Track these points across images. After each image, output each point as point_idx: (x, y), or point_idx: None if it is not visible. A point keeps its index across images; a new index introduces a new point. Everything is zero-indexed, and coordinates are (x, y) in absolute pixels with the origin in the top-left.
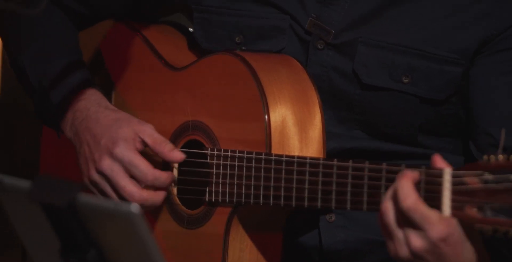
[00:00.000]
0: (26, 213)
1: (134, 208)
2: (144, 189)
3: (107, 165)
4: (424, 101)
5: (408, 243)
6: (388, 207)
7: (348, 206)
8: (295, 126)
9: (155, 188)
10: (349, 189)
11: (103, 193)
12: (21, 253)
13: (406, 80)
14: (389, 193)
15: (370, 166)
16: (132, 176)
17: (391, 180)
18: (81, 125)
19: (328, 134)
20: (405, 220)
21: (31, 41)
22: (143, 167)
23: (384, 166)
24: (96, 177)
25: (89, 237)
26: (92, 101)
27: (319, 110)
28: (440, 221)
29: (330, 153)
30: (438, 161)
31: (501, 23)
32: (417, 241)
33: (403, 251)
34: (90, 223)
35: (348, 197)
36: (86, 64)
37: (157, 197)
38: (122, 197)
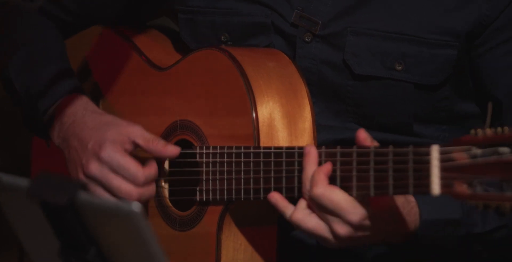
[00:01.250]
0: (24, 211)
1: (135, 206)
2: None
3: (95, 168)
4: (418, 87)
5: (333, 232)
6: (300, 212)
7: None
8: (284, 119)
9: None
10: (338, 174)
11: None
12: (18, 253)
13: (399, 68)
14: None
15: (358, 150)
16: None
17: (380, 163)
18: (68, 131)
19: (320, 127)
20: (319, 207)
21: (16, 49)
22: (133, 168)
23: (372, 149)
24: (85, 181)
25: (89, 236)
26: (78, 106)
27: (308, 103)
28: (354, 207)
29: (322, 144)
30: (362, 137)
31: (494, 5)
32: (341, 228)
33: (331, 240)
34: (90, 221)
35: (338, 183)
36: (73, 71)
37: (152, 188)
38: (117, 198)
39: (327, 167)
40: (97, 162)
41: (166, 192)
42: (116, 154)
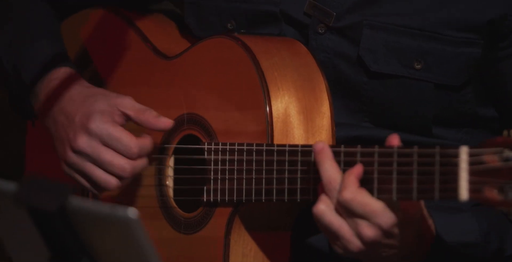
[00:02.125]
0: (11, 219)
1: (132, 212)
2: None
3: (84, 142)
4: (439, 87)
5: (359, 234)
6: (325, 203)
7: None
8: (300, 115)
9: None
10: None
11: (84, 175)
12: None
13: (418, 66)
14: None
15: (380, 150)
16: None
17: (404, 164)
18: (54, 106)
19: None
20: (348, 212)
21: (4, 24)
22: (125, 138)
23: (395, 149)
24: (73, 157)
25: (81, 244)
26: (65, 79)
27: (327, 97)
28: (385, 211)
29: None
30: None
31: None
32: (368, 230)
33: (354, 244)
34: (83, 229)
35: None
36: (63, 47)
37: (145, 161)
38: (109, 173)
39: (359, 169)
40: (86, 135)
41: (170, 192)
42: (106, 124)
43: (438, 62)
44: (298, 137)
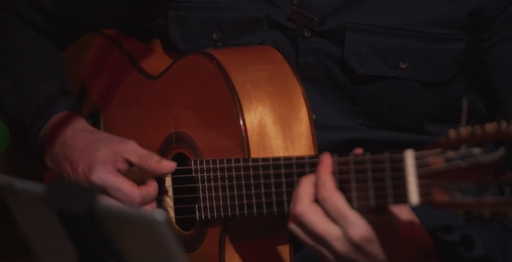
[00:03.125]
0: (39, 220)
1: (159, 214)
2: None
3: None
4: (427, 85)
5: (330, 248)
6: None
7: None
8: (276, 124)
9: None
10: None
11: None
12: None
13: (403, 65)
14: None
15: (339, 159)
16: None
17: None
18: (59, 154)
19: (328, 127)
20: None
21: (4, 66)
22: (127, 188)
23: (351, 156)
24: None
25: (108, 246)
26: (67, 125)
27: (303, 103)
28: (359, 221)
29: (329, 144)
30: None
31: None
32: (340, 244)
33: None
34: (110, 231)
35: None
36: (66, 86)
37: (152, 208)
38: None
39: (328, 162)
40: None
41: (171, 212)
42: (107, 175)
43: (423, 60)
44: (276, 147)
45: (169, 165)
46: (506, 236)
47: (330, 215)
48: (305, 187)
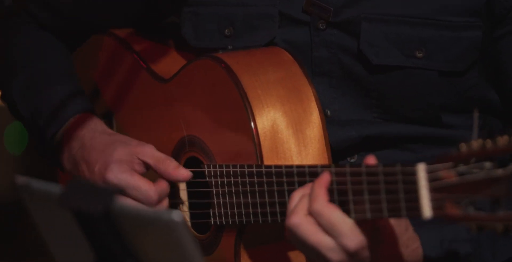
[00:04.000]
0: (56, 220)
1: (176, 215)
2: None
3: None
4: (443, 74)
5: (326, 258)
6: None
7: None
8: (289, 129)
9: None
10: (336, 198)
11: None
12: None
13: (420, 55)
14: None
15: (351, 169)
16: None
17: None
18: (77, 156)
19: (343, 122)
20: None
21: (18, 72)
22: (143, 186)
23: (363, 167)
24: None
25: (125, 246)
26: (86, 128)
27: (315, 106)
28: (352, 231)
29: (346, 141)
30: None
31: None
32: (335, 255)
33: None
34: (127, 231)
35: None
36: (80, 87)
37: (166, 205)
38: None
39: (326, 178)
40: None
41: (187, 216)
42: (123, 174)
43: (439, 49)
44: (289, 151)
45: (185, 173)
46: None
47: (323, 227)
48: (299, 200)
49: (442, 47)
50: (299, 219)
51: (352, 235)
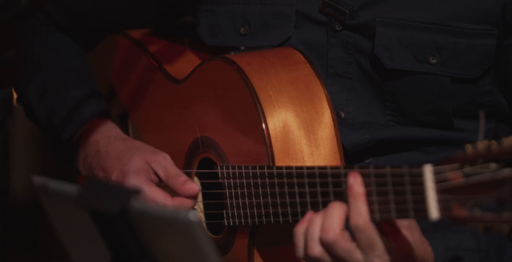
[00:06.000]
0: (73, 221)
1: (193, 215)
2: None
3: None
4: (456, 81)
5: None
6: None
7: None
8: (300, 129)
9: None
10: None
11: None
12: None
13: (433, 61)
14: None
15: (361, 171)
16: None
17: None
18: (93, 162)
19: (356, 126)
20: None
21: (34, 74)
22: (159, 199)
23: (371, 169)
24: None
25: (142, 246)
26: (101, 133)
27: (327, 106)
28: (385, 252)
29: (360, 144)
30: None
31: None
32: None
33: None
34: (143, 231)
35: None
36: (96, 90)
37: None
38: None
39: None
40: None
41: (202, 216)
42: (141, 185)
43: (454, 55)
44: (301, 152)
45: (192, 188)
46: (505, 245)
47: (360, 244)
48: (338, 214)
49: (457, 54)
50: (338, 235)
51: (385, 256)
